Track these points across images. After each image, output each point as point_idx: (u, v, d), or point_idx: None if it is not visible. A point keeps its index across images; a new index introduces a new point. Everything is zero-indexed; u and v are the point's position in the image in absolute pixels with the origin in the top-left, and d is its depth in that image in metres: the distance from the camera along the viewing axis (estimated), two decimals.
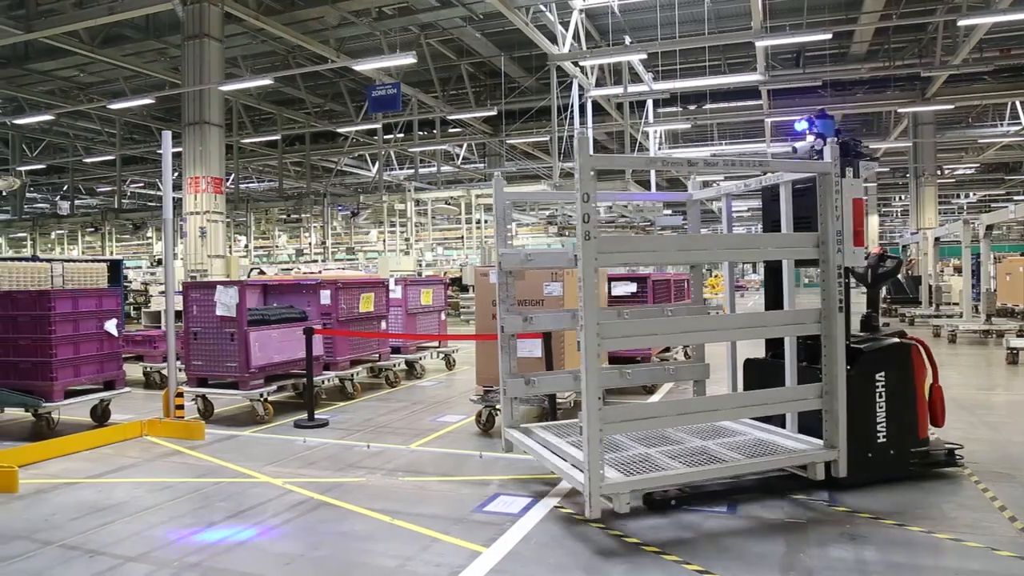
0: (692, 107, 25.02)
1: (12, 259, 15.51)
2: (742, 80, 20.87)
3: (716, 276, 27.55)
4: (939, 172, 30.32)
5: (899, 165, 35.18)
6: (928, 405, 5.13)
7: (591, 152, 4.13)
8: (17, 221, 35.12)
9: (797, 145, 5.44)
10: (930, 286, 19.54)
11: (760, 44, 16.73)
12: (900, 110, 24.98)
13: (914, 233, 26.40)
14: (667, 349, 10.06)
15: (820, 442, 4.71)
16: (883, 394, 4.88)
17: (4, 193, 34.20)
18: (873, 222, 43.92)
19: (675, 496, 4.62)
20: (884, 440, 4.89)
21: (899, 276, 23.83)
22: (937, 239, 19.18)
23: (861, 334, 5.38)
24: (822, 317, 4.64)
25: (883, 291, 22.40)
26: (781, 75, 22.06)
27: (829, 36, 16.60)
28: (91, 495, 5.24)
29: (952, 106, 24.31)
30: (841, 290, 4.73)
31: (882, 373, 4.89)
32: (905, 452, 4.96)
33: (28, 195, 38.95)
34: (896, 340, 5.10)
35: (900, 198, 46.59)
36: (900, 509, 4.52)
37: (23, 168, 31.67)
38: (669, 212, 19.22)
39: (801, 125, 5.45)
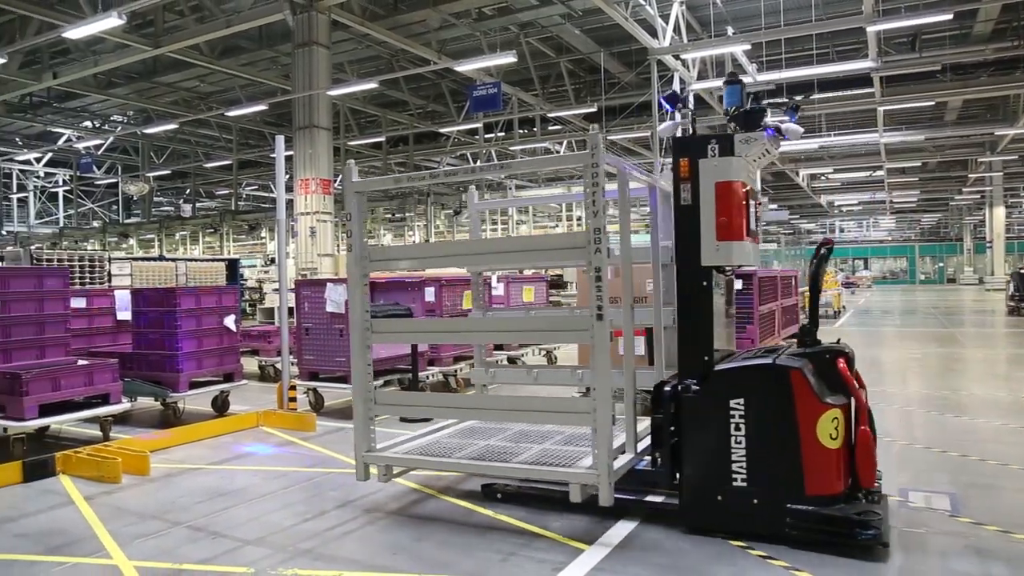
0: (799, 97, 23.99)
1: (143, 259, 16.61)
2: (852, 68, 19.80)
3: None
4: None
5: None
6: (843, 454, 3.97)
7: (355, 178, 4.87)
8: (146, 223, 37.62)
9: (660, 127, 4.97)
10: None
11: (872, 29, 15.87)
12: None
13: None
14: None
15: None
16: (741, 427, 4.03)
17: (136, 197, 36.72)
18: (999, 214, 41.17)
19: (502, 491, 4.94)
20: (744, 485, 4.01)
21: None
22: None
23: (737, 349, 4.64)
24: (590, 325, 4.25)
25: (1018, 289, 20.86)
26: (895, 61, 20.78)
27: (950, 17, 15.58)
28: (213, 481, 5.57)
29: None
30: (600, 294, 4.25)
31: (739, 400, 4.05)
32: (778, 507, 3.95)
33: (155, 199, 41.56)
34: (766, 361, 4.14)
35: None
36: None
37: (151, 174, 33.89)
38: (774, 207, 18.61)
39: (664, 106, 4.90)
